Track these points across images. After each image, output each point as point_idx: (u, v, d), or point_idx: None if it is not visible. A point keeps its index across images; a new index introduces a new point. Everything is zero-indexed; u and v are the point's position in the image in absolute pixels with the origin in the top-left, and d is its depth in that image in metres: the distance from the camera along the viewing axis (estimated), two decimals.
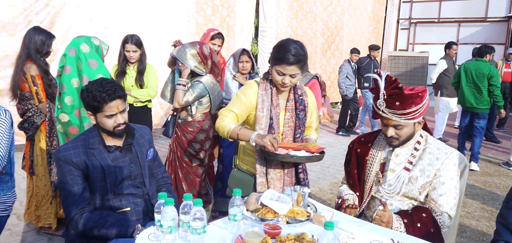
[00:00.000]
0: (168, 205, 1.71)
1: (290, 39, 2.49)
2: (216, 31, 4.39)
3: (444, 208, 2.18)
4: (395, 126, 2.20)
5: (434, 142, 2.30)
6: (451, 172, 2.23)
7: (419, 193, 2.24)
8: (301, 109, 2.61)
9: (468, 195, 5.14)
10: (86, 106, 2.24)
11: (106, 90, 2.16)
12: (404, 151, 2.30)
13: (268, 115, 2.53)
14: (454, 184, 2.22)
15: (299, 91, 2.63)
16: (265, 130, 2.52)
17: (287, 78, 2.44)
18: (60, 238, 3.63)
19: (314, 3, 11.30)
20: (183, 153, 3.74)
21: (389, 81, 2.16)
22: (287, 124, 2.59)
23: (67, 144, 2.27)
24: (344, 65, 8.61)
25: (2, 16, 5.84)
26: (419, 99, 2.13)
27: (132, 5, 7.30)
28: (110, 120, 2.21)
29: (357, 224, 2.01)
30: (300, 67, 2.45)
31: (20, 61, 3.40)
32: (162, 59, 7.41)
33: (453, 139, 8.33)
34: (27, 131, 3.47)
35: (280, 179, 2.59)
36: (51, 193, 3.59)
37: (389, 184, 2.29)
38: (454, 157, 2.25)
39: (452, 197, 2.21)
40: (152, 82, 4.19)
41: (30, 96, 3.42)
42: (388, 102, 2.15)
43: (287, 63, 2.39)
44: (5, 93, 5.82)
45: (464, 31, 13.45)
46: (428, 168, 2.23)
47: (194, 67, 3.58)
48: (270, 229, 1.81)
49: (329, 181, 5.58)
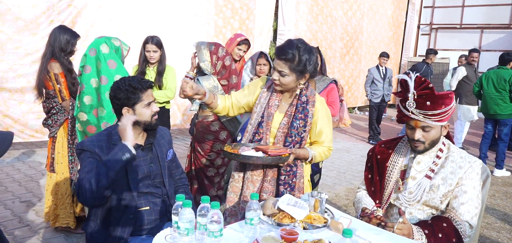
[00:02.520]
0: (185, 207, 1.72)
1: (298, 39, 2.39)
2: (243, 37, 4.46)
3: (465, 217, 2.13)
4: (423, 128, 2.16)
5: (457, 150, 2.26)
6: (474, 181, 2.18)
7: (440, 202, 2.20)
8: (300, 117, 2.42)
9: (488, 206, 5.03)
10: (123, 103, 2.26)
11: (140, 80, 2.27)
12: (426, 159, 2.26)
13: (260, 113, 2.46)
14: (476, 194, 2.18)
15: (304, 98, 2.45)
16: (253, 126, 2.47)
17: (276, 74, 2.34)
18: (78, 235, 3.67)
19: (334, 7, 11.24)
20: (206, 155, 3.84)
21: (419, 81, 2.12)
22: (282, 129, 2.43)
23: (91, 137, 2.32)
24: (371, 70, 8.45)
25: (25, 15, 5.96)
26: (449, 100, 2.10)
27: (151, 6, 7.37)
28: (148, 109, 2.28)
29: (375, 232, 1.98)
30: (291, 68, 2.31)
31: (44, 59, 3.46)
32: (181, 60, 7.47)
33: (473, 147, 8.18)
34: (50, 128, 3.52)
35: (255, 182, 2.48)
36: (69, 191, 3.62)
37: (409, 191, 2.25)
38: (478, 166, 2.21)
39: (473, 206, 2.16)
40: (170, 83, 4.22)
41: (54, 94, 3.48)
42: (418, 102, 2.11)
43: (277, 56, 2.33)
44: (26, 90, 5.95)
45: (487, 38, 13.18)
46: (450, 177, 2.19)
47: (202, 62, 3.70)
48: (287, 234, 1.79)
49: (345, 187, 5.53)
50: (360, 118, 11.83)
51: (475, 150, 7.87)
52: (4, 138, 1.41)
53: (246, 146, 2.36)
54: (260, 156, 2.24)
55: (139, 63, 4.19)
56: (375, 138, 8.47)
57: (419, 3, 14.08)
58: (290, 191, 2.45)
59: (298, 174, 2.48)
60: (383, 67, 8.40)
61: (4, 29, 5.80)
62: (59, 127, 3.53)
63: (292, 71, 2.32)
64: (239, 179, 2.54)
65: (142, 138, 2.37)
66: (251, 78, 4.19)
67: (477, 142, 8.73)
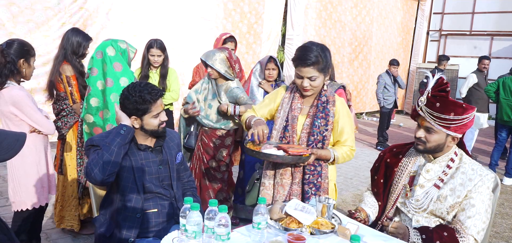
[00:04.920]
0: (193, 210, 1.73)
1: (312, 41, 2.44)
2: (228, 34, 4.44)
3: (471, 231, 2.09)
4: (427, 129, 2.16)
5: (469, 162, 2.22)
6: (483, 195, 2.13)
7: (447, 213, 2.17)
8: (321, 116, 2.48)
9: (497, 215, 4.98)
10: (132, 112, 2.27)
11: (151, 90, 2.25)
12: (436, 167, 2.24)
13: (284, 118, 2.51)
14: (485, 208, 2.12)
15: (324, 98, 2.51)
16: (279, 131, 2.51)
17: (306, 81, 2.38)
18: (85, 236, 3.70)
19: (343, 12, 11.22)
20: (210, 159, 3.75)
21: (440, 82, 2.12)
22: (305, 130, 2.50)
23: (101, 134, 2.35)
24: (382, 75, 8.36)
25: (37, 17, 6.03)
26: (461, 110, 2.07)
27: (161, 10, 7.41)
28: (156, 119, 2.29)
29: (382, 238, 1.98)
30: (319, 69, 2.37)
31: (57, 61, 3.49)
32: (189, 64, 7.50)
33: (483, 155, 8.11)
34: (59, 130, 3.55)
35: (285, 186, 2.52)
36: (76, 194, 3.63)
37: (416, 199, 2.23)
38: (489, 180, 2.15)
39: (481, 221, 2.10)
40: (174, 85, 4.25)
41: (65, 96, 3.50)
42: (429, 101, 2.12)
43: (303, 64, 2.35)
44: (36, 91, 6.00)
45: (497, 45, 13.07)
46: (459, 188, 2.15)
47: (225, 72, 3.58)
48: (294, 239, 1.79)
49: (352, 192, 5.51)
50: (368, 123, 11.78)
51: (484, 158, 7.81)
52: (16, 139, 1.42)
53: (268, 144, 2.38)
54: (280, 155, 2.28)
55: (142, 67, 4.22)
56: (384, 145, 8.37)
57: (429, 9, 14.01)
58: (315, 191, 2.49)
59: (323, 174, 2.51)
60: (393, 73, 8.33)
61: (16, 30, 5.86)
62: (69, 129, 3.56)
63: (320, 72, 2.39)
64: (270, 186, 2.58)
65: (152, 140, 2.39)
66: (259, 82, 4.19)
67: (486, 149, 8.66)
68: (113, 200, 2.34)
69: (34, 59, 3.03)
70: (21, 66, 2.91)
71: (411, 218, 2.24)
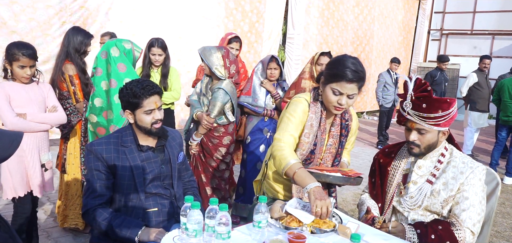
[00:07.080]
0: (194, 208, 1.73)
1: (347, 55, 2.21)
2: (233, 34, 4.37)
3: (467, 223, 2.10)
4: (419, 131, 2.17)
5: (459, 155, 2.24)
6: (476, 187, 2.14)
7: (441, 207, 2.18)
8: (345, 135, 2.39)
9: (498, 214, 4.98)
10: (125, 105, 2.30)
11: (144, 86, 2.25)
12: (427, 163, 2.26)
13: (313, 141, 2.29)
14: (478, 200, 2.14)
15: (346, 116, 2.38)
16: (305, 155, 2.30)
17: (344, 99, 2.16)
18: (86, 235, 3.70)
19: (345, 11, 11.22)
20: (209, 158, 3.76)
21: (419, 84, 2.13)
22: (329, 151, 2.38)
23: (101, 139, 2.34)
24: (383, 74, 8.35)
25: (39, 16, 6.05)
26: (447, 105, 2.09)
27: (161, 9, 7.42)
28: (149, 116, 2.27)
29: (383, 237, 1.98)
30: (359, 86, 2.18)
31: (59, 60, 3.49)
32: (190, 63, 7.51)
33: (483, 154, 8.10)
34: (62, 129, 3.55)
35: None
36: (80, 192, 3.63)
37: (411, 196, 2.25)
38: (480, 172, 2.17)
39: (476, 213, 2.12)
40: (175, 85, 4.24)
41: (68, 95, 3.50)
42: (415, 104, 2.13)
43: (346, 80, 2.12)
44: None
45: (499, 44, 13.07)
46: (451, 182, 2.17)
47: (214, 69, 3.56)
48: (294, 238, 1.79)
49: (353, 191, 5.51)
50: (368, 123, 11.78)
51: (485, 157, 7.81)
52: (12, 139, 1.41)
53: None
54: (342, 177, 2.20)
55: (144, 66, 4.21)
56: (384, 144, 8.37)
57: (430, 8, 14.01)
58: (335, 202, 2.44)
59: None
60: (394, 72, 8.32)
61: (18, 29, 5.88)
62: (72, 128, 3.56)
63: (359, 89, 2.22)
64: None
65: (153, 140, 2.39)
66: (261, 81, 4.18)
67: (486, 149, 8.66)
68: (114, 199, 2.34)
69: (18, 65, 2.94)
70: (7, 65, 2.94)
71: (407, 216, 2.25)
